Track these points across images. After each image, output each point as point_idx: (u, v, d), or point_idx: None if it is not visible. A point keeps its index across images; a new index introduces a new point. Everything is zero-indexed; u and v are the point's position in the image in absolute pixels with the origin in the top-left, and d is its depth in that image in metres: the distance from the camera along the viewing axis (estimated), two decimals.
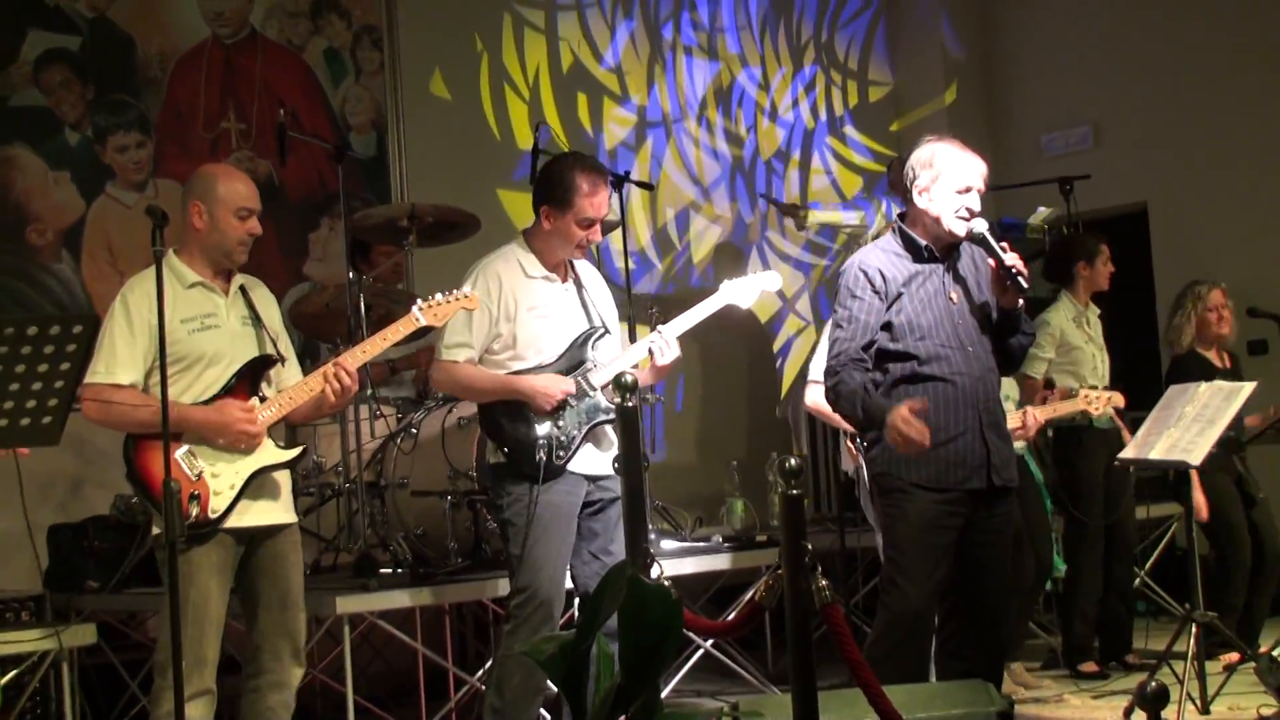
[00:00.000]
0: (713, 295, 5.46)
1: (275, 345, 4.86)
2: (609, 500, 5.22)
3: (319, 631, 5.89)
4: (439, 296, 5.01)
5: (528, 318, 5.20)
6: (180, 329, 4.68)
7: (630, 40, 9.49)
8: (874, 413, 4.67)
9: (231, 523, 4.65)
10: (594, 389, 5.20)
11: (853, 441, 5.76)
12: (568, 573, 5.22)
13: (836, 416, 5.75)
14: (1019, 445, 6.77)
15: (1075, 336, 7.16)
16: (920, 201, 4.83)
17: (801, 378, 9.28)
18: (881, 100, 10.69)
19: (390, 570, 6.06)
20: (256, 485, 4.71)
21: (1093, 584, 7.10)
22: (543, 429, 5.10)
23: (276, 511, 4.80)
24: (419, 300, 5.01)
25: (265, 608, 4.79)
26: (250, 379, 4.77)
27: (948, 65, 10.48)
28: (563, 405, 5.12)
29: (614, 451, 5.25)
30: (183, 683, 4.25)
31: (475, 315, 5.12)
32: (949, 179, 4.79)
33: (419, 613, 6.47)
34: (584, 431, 5.17)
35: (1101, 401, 6.54)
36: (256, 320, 4.86)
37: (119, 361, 4.64)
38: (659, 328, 5.28)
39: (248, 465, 4.69)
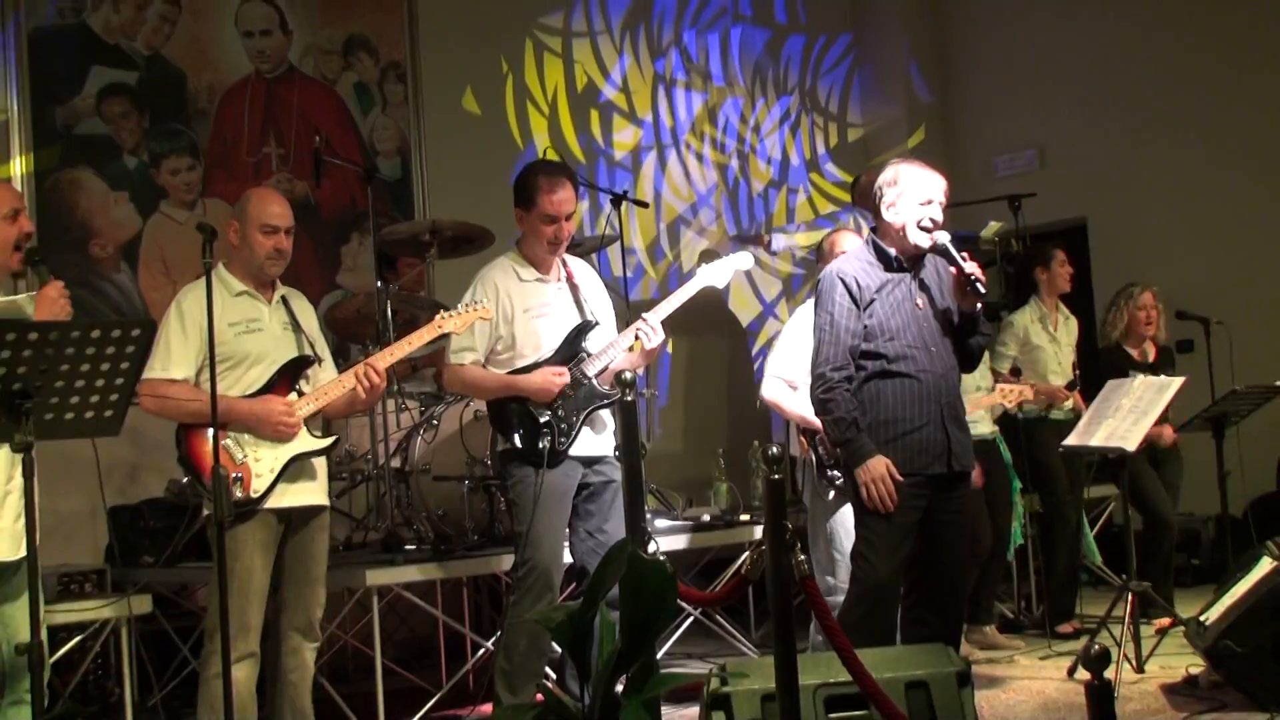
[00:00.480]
0: (691, 279, 5.44)
1: (313, 348, 4.87)
2: (603, 483, 5.21)
3: (350, 601, 5.87)
4: (460, 308, 5.06)
5: (524, 319, 5.21)
6: (228, 331, 4.71)
7: (636, 64, 9.49)
8: (858, 453, 4.68)
9: (271, 503, 4.66)
10: (588, 377, 5.19)
11: (804, 435, 5.75)
12: (565, 546, 5.21)
13: (791, 411, 5.77)
14: (988, 430, 6.80)
15: (1038, 336, 7.30)
16: (888, 215, 4.84)
17: None
18: (858, 140, 10.68)
19: (414, 547, 6.04)
20: (295, 470, 4.72)
21: (1068, 555, 7.16)
22: (545, 418, 5.10)
23: (313, 493, 4.80)
24: (442, 309, 5.05)
25: (291, 581, 4.79)
26: (290, 376, 4.79)
27: (914, 109, 10.47)
28: (561, 395, 5.11)
29: (608, 433, 5.28)
30: (229, 647, 4.28)
31: (476, 324, 5.11)
32: (912, 193, 4.81)
33: (439, 585, 6.47)
34: (582, 417, 5.15)
35: (1014, 395, 6.66)
36: (296, 326, 4.87)
37: (173, 359, 4.66)
38: (643, 315, 5.25)
39: (286, 451, 4.71)
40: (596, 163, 9.17)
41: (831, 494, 5.61)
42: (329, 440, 4.82)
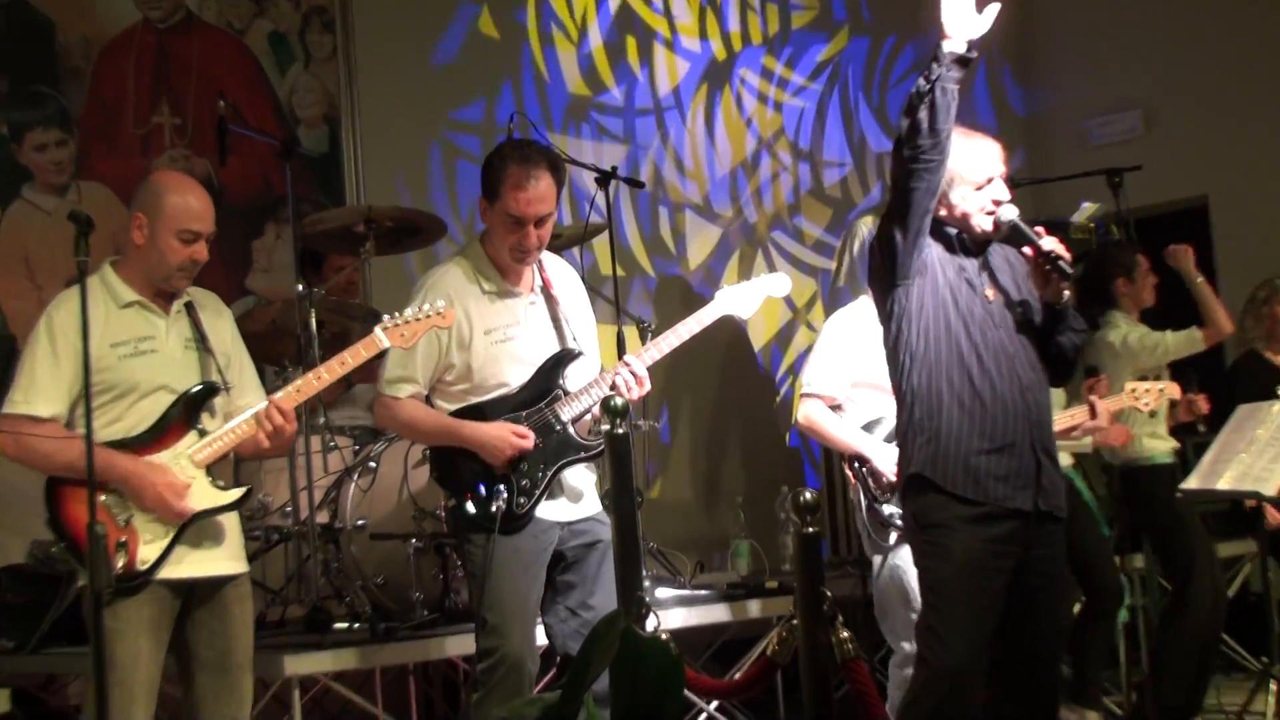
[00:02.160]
0: (707, 306, 5.42)
1: (222, 372, 4.81)
2: (586, 547, 5.17)
3: (265, 696, 5.84)
4: (407, 313, 4.90)
5: (484, 343, 5.11)
6: (110, 354, 4.66)
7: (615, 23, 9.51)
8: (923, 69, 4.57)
9: (166, 573, 4.62)
10: (562, 423, 5.13)
11: (850, 467, 5.75)
12: (539, 629, 5.17)
13: (835, 436, 5.78)
14: (1066, 463, 6.80)
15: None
16: (941, 206, 4.84)
17: None
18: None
19: (346, 625, 6.02)
20: (195, 531, 4.67)
21: (1195, 633, 7.15)
22: (501, 471, 5.03)
23: (220, 561, 4.75)
24: (384, 317, 4.91)
25: (202, 669, 4.75)
26: (189, 411, 4.74)
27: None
28: (520, 459, 5.05)
29: (590, 491, 5.23)
30: None
31: (420, 344, 5.00)
32: (966, 177, 4.80)
33: (379, 674, 6.44)
34: (550, 475, 5.08)
35: (1154, 396, 6.53)
36: (202, 342, 4.82)
37: (39, 391, 4.62)
38: (626, 358, 5.18)
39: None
40: (582, 130, 9.18)
41: (893, 537, 5.61)
42: (237, 493, 4.75)
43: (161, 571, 4.61)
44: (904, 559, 5.63)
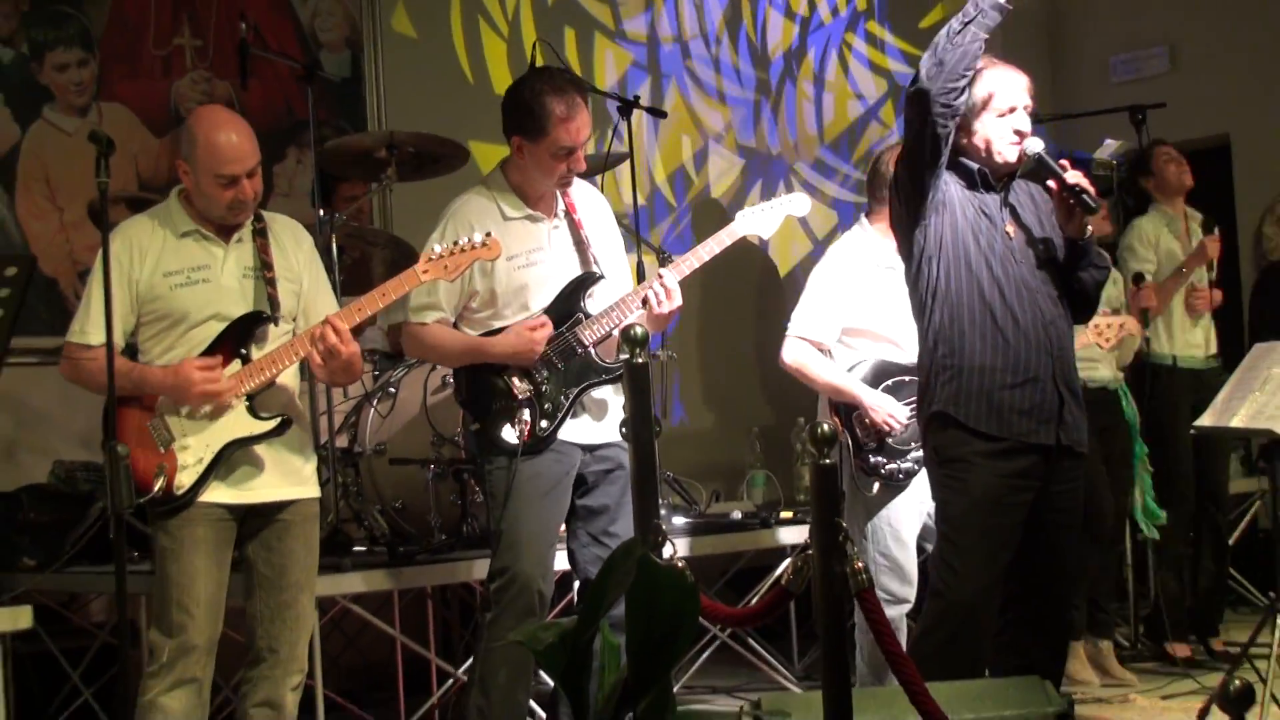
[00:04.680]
0: (727, 227, 5.39)
1: (273, 301, 4.79)
2: (608, 472, 5.18)
3: None
4: (450, 244, 4.86)
5: (507, 269, 5.10)
6: (163, 283, 4.72)
7: None
8: None
9: (213, 498, 4.68)
10: (585, 345, 5.14)
11: (837, 412, 5.73)
12: (555, 553, 5.18)
13: (821, 378, 5.78)
14: (1109, 376, 6.79)
15: (1169, 242, 7.24)
16: (963, 135, 4.82)
17: None
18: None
19: (365, 548, 6.06)
20: (239, 459, 4.72)
21: (1177, 548, 7.15)
22: (523, 391, 5.05)
23: (271, 487, 4.78)
24: (430, 249, 4.88)
25: (260, 588, 4.80)
26: (234, 340, 4.75)
27: None
28: (547, 359, 5.07)
29: (612, 415, 5.24)
30: (149, 673, 4.49)
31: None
32: (992, 104, 4.79)
33: (397, 597, 6.47)
34: (573, 397, 5.11)
35: (1112, 330, 6.56)
36: (263, 272, 4.81)
37: (92, 320, 4.65)
38: (660, 270, 5.20)
39: (219, 438, 4.69)
40: (606, 55, 9.13)
41: (875, 486, 5.63)
42: (272, 422, 4.75)
43: (205, 495, 4.66)
44: (879, 511, 5.66)
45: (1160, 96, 8.65)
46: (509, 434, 5.03)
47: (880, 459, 5.60)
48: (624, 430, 3.83)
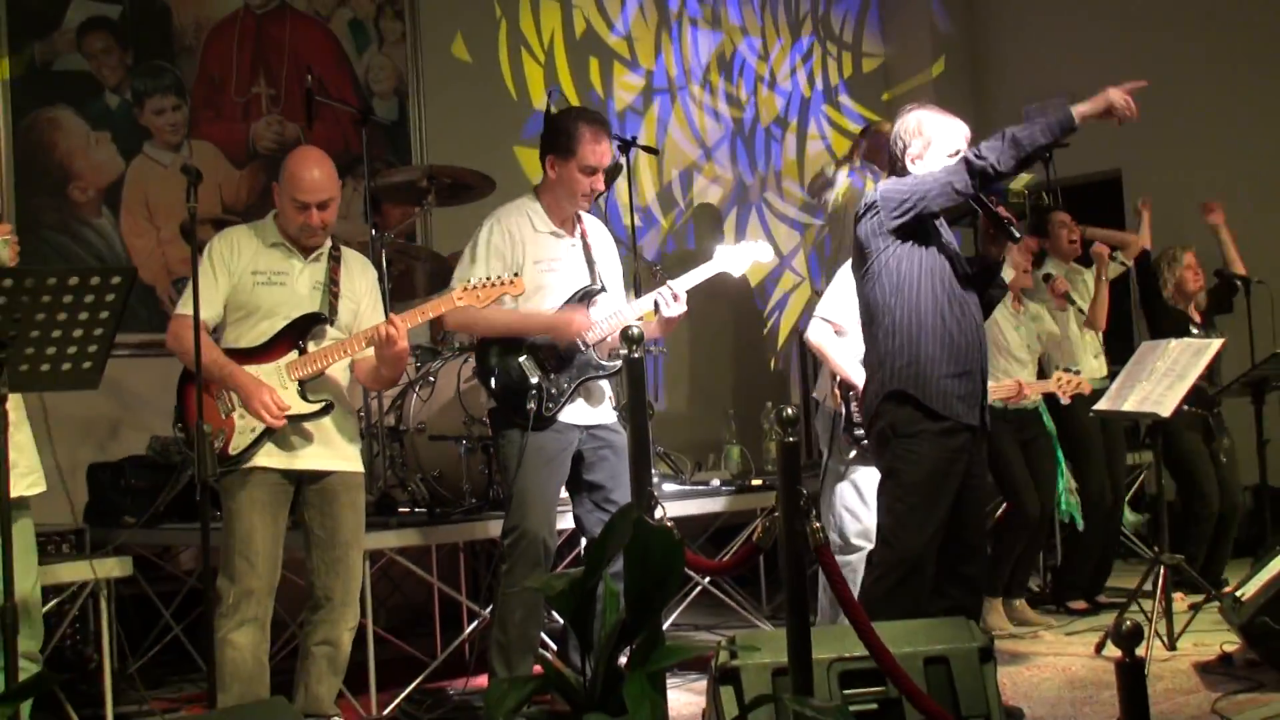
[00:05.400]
0: (709, 261, 5.38)
1: (334, 310, 4.82)
2: (605, 448, 5.17)
3: None
4: (483, 279, 4.89)
5: (534, 270, 5.10)
6: (249, 280, 4.77)
7: (639, 9, 9.43)
8: (1055, 120, 4.61)
9: (269, 462, 4.69)
10: (586, 345, 5.13)
11: (840, 388, 5.72)
12: (557, 513, 5.15)
13: (833, 357, 5.73)
14: (1035, 399, 6.78)
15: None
16: (914, 168, 4.80)
17: (796, 333, 9.29)
18: (874, 71, 10.65)
19: (408, 509, 6.04)
20: (288, 432, 4.73)
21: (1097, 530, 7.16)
22: (534, 379, 5.05)
23: (324, 457, 4.80)
24: (466, 280, 4.90)
25: (315, 547, 4.81)
26: (295, 334, 4.78)
27: (936, 40, 10.43)
28: (555, 354, 5.06)
29: (605, 403, 5.24)
30: (219, 614, 4.50)
31: (491, 265, 5.02)
32: (939, 144, 4.78)
33: (435, 550, 6.46)
34: (574, 386, 5.10)
35: (1070, 386, 6.52)
36: (330, 286, 4.84)
37: (190, 300, 4.63)
38: (669, 282, 5.19)
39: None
40: (607, 102, 9.12)
41: (853, 452, 5.63)
42: (317, 405, 4.77)
43: (260, 460, 4.68)
44: (848, 473, 5.67)
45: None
46: (521, 411, 5.01)
47: (862, 433, 5.58)
48: (620, 413, 3.81)
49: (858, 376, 5.57)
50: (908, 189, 4.71)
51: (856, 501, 5.70)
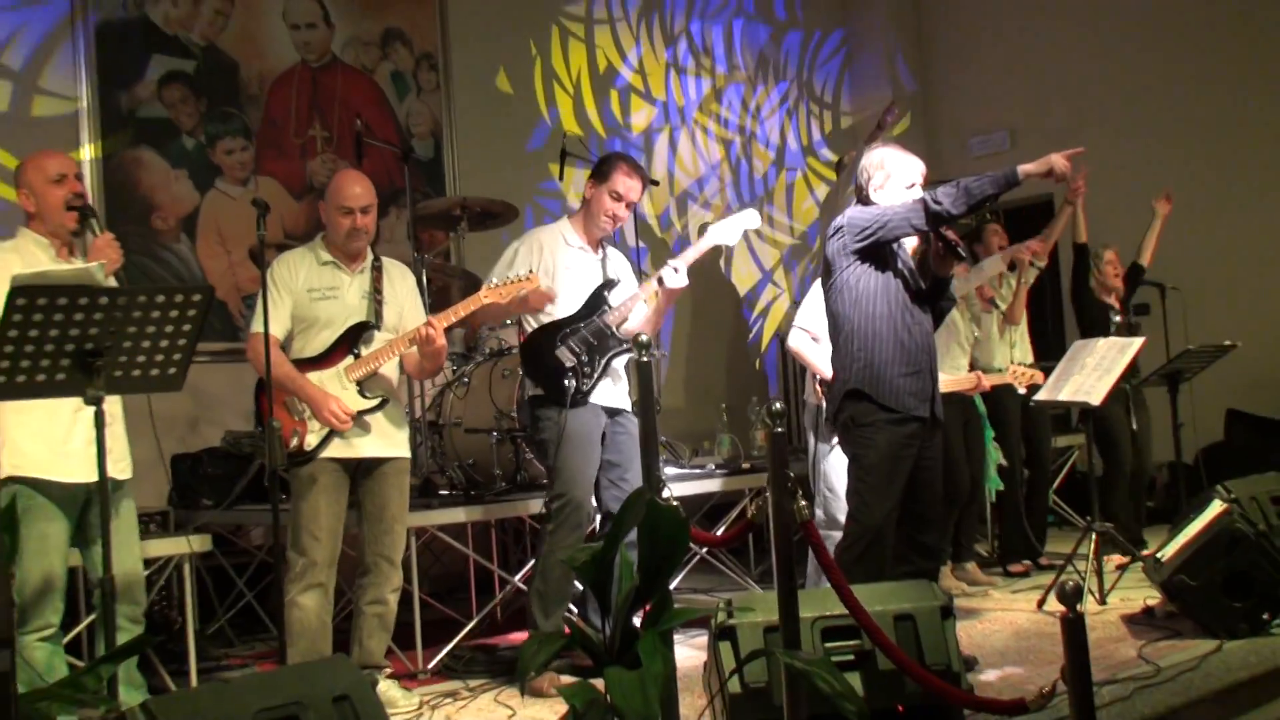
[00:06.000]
0: (703, 236, 5.33)
1: (380, 315, 4.82)
2: (623, 432, 5.17)
3: None
4: (506, 276, 4.90)
5: (564, 274, 5.15)
6: (306, 297, 4.76)
7: (651, 50, 9.45)
8: (1001, 176, 4.54)
9: (332, 454, 4.69)
10: (610, 326, 5.12)
11: (821, 385, 5.70)
12: (593, 482, 5.14)
13: (812, 360, 5.72)
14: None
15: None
16: (876, 196, 4.79)
17: (776, 338, 9.27)
18: (850, 127, 10.62)
19: (447, 492, 6.02)
20: (352, 425, 4.71)
21: (1014, 500, 7.13)
22: (569, 361, 5.04)
23: (377, 445, 4.79)
24: (489, 280, 4.93)
25: (367, 521, 4.80)
26: (350, 341, 4.76)
27: (899, 97, 10.37)
28: (583, 338, 5.06)
29: (623, 385, 5.24)
30: (289, 581, 4.52)
31: (517, 270, 5.00)
32: (898, 177, 4.77)
33: (470, 526, 6.45)
34: (604, 363, 5.09)
35: (1024, 377, 6.55)
36: (376, 294, 4.83)
37: (259, 319, 4.65)
38: (670, 262, 5.12)
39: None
40: (612, 142, 9.10)
41: (834, 439, 5.61)
42: (374, 401, 4.77)
43: (325, 452, 4.68)
44: (828, 457, 5.65)
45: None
46: (561, 391, 5.00)
47: None
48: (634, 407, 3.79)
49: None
50: (871, 218, 4.70)
51: (838, 483, 5.68)
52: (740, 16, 10.05)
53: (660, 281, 5.10)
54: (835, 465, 5.67)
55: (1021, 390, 6.65)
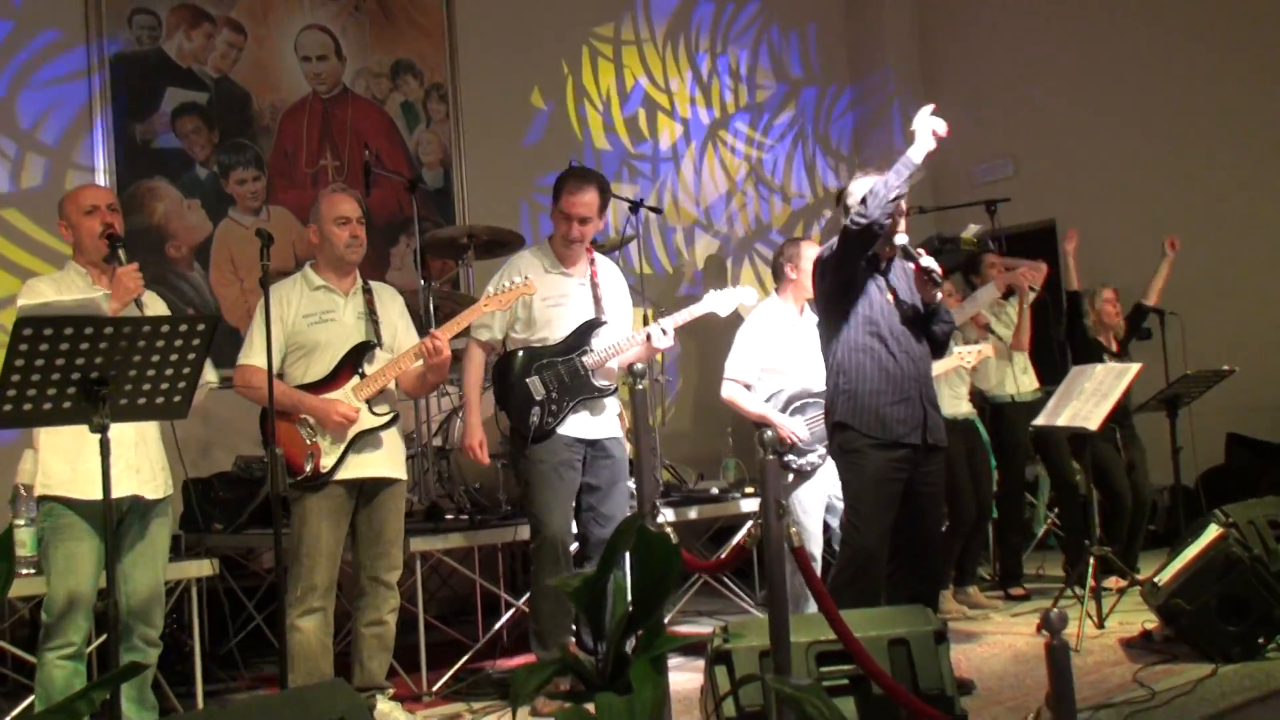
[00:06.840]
0: (699, 302, 5.38)
1: (377, 335, 4.84)
2: (605, 458, 5.13)
3: None
4: (504, 285, 4.95)
5: (542, 305, 5.12)
6: (302, 322, 4.77)
7: (663, 68, 9.53)
8: (895, 170, 4.59)
9: (341, 475, 4.69)
10: (586, 369, 5.09)
11: (759, 430, 5.69)
12: (571, 515, 5.12)
13: (748, 409, 5.77)
14: (966, 410, 6.76)
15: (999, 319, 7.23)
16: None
17: None
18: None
19: (453, 517, 6.03)
20: (361, 444, 4.74)
21: (1015, 528, 7.12)
22: (539, 394, 5.02)
23: (381, 465, 4.80)
24: (488, 290, 4.97)
25: (362, 544, 4.81)
26: (353, 361, 4.79)
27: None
28: (558, 375, 5.04)
29: (607, 417, 5.19)
30: (289, 605, 4.48)
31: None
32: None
33: (476, 550, 6.44)
34: (570, 405, 5.05)
35: (974, 355, 6.57)
36: (371, 315, 4.85)
37: (254, 349, 4.73)
38: (659, 321, 5.17)
39: (352, 429, 4.72)
40: (621, 170, 9.13)
41: (790, 477, 5.65)
42: (387, 416, 4.80)
43: (339, 474, 4.69)
44: (792, 493, 5.64)
45: (1006, 193, 8.64)
46: (526, 424, 5.00)
47: (791, 458, 5.63)
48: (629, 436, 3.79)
49: (771, 415, 5.66)
50: (829, 253, 4.81)
51: (801, 514, 5.69)
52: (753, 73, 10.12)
53: (648, 338, 5.11)
54: (800, 498, 5.69)
55: (967, 366, 6.63)
